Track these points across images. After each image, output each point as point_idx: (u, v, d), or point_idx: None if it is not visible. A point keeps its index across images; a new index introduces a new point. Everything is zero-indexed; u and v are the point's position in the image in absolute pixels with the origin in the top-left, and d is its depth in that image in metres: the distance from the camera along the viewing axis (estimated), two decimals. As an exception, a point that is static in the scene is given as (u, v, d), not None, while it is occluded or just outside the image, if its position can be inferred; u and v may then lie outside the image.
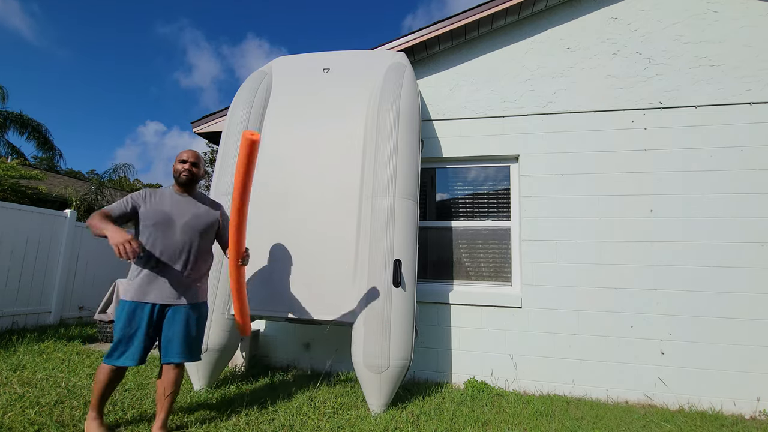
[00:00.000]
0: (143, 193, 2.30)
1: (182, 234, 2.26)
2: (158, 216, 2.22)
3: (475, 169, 4.14)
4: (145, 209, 2.23)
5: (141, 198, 2.27)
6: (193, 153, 2.42)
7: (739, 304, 3.27)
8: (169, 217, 2.24)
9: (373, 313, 2.76)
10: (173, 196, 2.34)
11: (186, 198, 2.37)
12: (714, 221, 3.40)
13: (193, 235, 2.29)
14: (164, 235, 2.22)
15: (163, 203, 2.28)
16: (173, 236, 2.24)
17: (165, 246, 2.22)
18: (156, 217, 2.22)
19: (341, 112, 3.42)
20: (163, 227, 2.22)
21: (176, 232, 2.25)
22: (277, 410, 2.64)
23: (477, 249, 3.98)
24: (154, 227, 2.22)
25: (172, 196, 2.34)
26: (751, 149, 3.43)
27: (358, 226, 3.04)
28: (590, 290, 3.51)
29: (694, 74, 3.64)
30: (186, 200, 2.36)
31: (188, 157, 2.37)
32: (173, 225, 2.25)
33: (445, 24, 3.96)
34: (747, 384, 3.18)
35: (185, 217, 2.29)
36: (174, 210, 2.28)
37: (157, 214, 2.23)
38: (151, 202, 2.27)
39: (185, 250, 2.27)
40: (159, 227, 2.22)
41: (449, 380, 3.64)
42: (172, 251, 2.24)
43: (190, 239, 2.28)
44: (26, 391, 2.68)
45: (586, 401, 3.25)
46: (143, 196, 2.28)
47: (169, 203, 2.29)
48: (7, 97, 11.64)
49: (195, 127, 4.73)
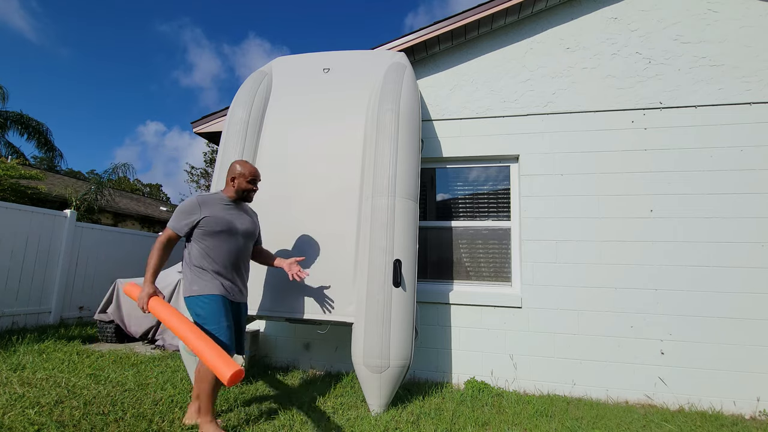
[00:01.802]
0: (198, 202, 2.36)
1: (244, 240, 2.46)
2: (223, 224, 2.35)
3: (475, 169, 4.14)
4: (207, 218, 2.32)
5: (198, 207, 2.34)
6: (257, 170, 2.57)
7: (740, 304, 3.27)
8: (233, 225, 2.40)
9: (373, 313, 2.76)
10: (226, 205, 2.44)
11: (236, 207, 2.50)
12: (714, 221, 3.40)
13: (250, 240, 2.52)
14: (229, 241, 2.37)
15: (223, 211, 2.40)
16: (237, 242, 2.41)
17: (230, 251, 2.37)
18: (221, 225, 2.35)
19: (341, 112, 3.42)
20: (228, 234, 2.37)
21: (239, 238, 2.42)
22: (277, 410, 2.64)
23: (477, 249, 3.98)
24: (220, 234, 2.34)
25: (225, 205, 2.44)
26: (750, 149, 3.43)
27: (358, 226, 3.04)
28: (590, 290, 3.52)
29: (694, 74, 3.64)
30: (237, 209, 2.49)
31: (256, 177, 2.53)
32: (236, 232, 2.41)
33: (446, 24, 3.96)
34: (747, 384, 3.18)
35: (244, 225, 2.47)
36: (233, 218, 2.42)
37: (222, 222, 2.35)
38: (211, 210, 2.36)
39: (244, 254, 2.49)
40: (224, 234, 2.35)
41: (449, 380, 3.64)
42: (236, 256, 2.41)
43: (247, 244, 2.50)
44: (26, 391, 2.68)
45: (586, 401, 3.25)
46: (199, 205, 2.35)
47: (225, 211, 2.41)
48: (7, 97, 11.65)
49: (195, 127, 4.73)
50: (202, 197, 2.41)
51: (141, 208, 13.69)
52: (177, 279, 4.57)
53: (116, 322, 4.60)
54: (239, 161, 2.55)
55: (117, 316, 4.60)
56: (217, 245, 2.33)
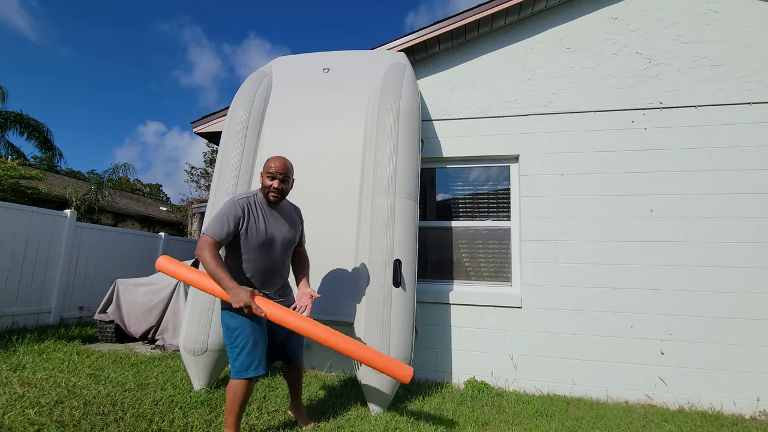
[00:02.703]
0: (241, 209, 2.13)
1: (281, 249, 2.26)
2: (261, 237, 2.16)
3: (475, 169, 4.14)
4: (247, 228, 2.13)
5: (240, 214, 2.12)
6: (282, 164, 2.21)
7: (740, 304, 3.27)
8: (271, 237, 2.20)
9: (373, 313, 2.76)
10: (266, 211, 2.23)
11: (276, 211, 2.27)
12: (714, 221, 3.40)
13: (289, 247, 2.33)
14: (267, 253, 2.20)
15: (260, 220, 2.18)
16: (274, 253, 2.23)
17: (267, 262, 2.22)
18: (260, 238, 2.16)
19: (341, 112, 3.42)
20: (267, 247, 2.19)
21: (277, 249, 2.24)
22: (277, 410, 2.64)
23: (477, 249, 3.98)
24: (259, 247, 2.17)
25: (264, 211, 2.22)
26: (750, 149, 3.43)
27: (358, 225, 3.04)
28: (590, 290, 3.52)
29: (694, 74, 3.64)
30: (276, 213, 2.27)
31: (277, 170, 2.18)
32: (275, 243, 2.22)
33: (446, 24, 3.96)
34: (747, 384, 3.18)
35: (282, 232, 2.26)
36: (272, 227, 2.22)
37: (260, 234, 2.16)
38: (252, 219, 2.15)
39: (282, 263, 2.31)
40: (263, 247, 2.18)
41: (449, 380, 3.64)
42: (273, 266, 2.25)
43: (286, 252, 2.31)
44: (26, 391, 2.68)
45: (586, 401, 3.25)
46: (242, 212, 2.13)
47: (264, 219, 2.20)
48: (6, 96, 11.64)
49: (195, 127, 4.74)
50: (243, 200, 2.17)
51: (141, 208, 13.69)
52: (177, 279, 4.56)
53: (116, 322, 4.60)
54: (271, 156, 2.31)
55: (117, 316, 4.60)
56: (253, 257, 2.16)
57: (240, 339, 2.08)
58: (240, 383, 2.06)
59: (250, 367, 2.07)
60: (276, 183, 2.18)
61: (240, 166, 3.27)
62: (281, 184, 2.20)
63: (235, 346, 2.09)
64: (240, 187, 3.21)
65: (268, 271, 2.23)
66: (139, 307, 4.55)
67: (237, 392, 2.05)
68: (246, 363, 2.07)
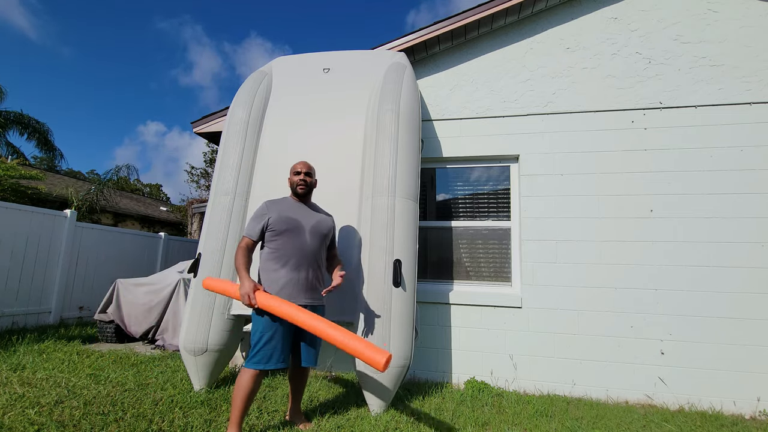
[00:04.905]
0: (266, 207, 2.38)
1: (311, 237, 2.37)
2: (288, 222, 2.33)
3: (475, 169, 4.14)
4: (274, 218, 2.32)
5: (267, 210, 2.36)
6: (305, 164, 2.51)
7: (739, 304, 3.27)
8: (298, 222, 2.35)
9: (373, 312, 2.76)
10: (294, 204, 2.45)
11: (304, 205, 2.48)
12: (714, 221, 3.40)
13: (320, 238, 2.42)
14: (296, 239, 2.32)
15: (288, 210, 2.38)
16: (304, 240, 2.34)
17: (296, 249, 2.31)
18: (287, 224, 2.32)
19: (341, 112, 3.42)
20: (295, 232, 2.33)
21: (306, 236, 2.35)
22: (277, 410, 2.64)
23: (477, 249, 3.98)
24: (286, 233, 2.31)
25: (292, 204, 2.44)
26: (750, 149, 3.43)
27: (358, 225, 3.05)
28: (590, 290, 3.52)
29: (694, 74, 3.64)
30: (305, 208, 2.47)
31: (302, 168, 2.47)
32: (303, 230, 2.35)
33: (446, 24, 3.96)
34: (747, 384, 3.18)
35: (312, 222, 2.41)
36: (300, 216, 2.39)
37: (288, 220, 2.33)
38: (278, 211, 2.36)
39: (314, 252, 2.37)
40: (290, 233, 2.32)
41: (449, 380, 3.64)
42: (303, 254, 2.32)
43: (318, 242, 2.40)
44: (26, 391, 2.68)
45: (586, 401, 3.25)
46: (268, 208, 2.37)
47: (293, 210, 2.40)
48: (5, 96, 11.64)
49: (195, 127, 4.74)
50: (270, 201, 2.43)
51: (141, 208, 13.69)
52: (177, 279, 4.57)
53: (116, 322, 4.60)
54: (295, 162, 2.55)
55: (117, 316, 4.60)
56: (281, 245, 2.30)
57: (257, 334, 2.20)
58: (246, 373, 2.15)
59: (261, 361, 2.16)
60: (302, 176, 2.45)
61: (240, 166, 3.27)
62: (306, 177, 2.46)
63: (253, 341, 2.21)
64: (240, 187, 3.21)
65: (299, 255, 2.31)
66: (139, 307, 4.56)
67: (241, 383, 2.14)
68: (258, 356, 2.16)
